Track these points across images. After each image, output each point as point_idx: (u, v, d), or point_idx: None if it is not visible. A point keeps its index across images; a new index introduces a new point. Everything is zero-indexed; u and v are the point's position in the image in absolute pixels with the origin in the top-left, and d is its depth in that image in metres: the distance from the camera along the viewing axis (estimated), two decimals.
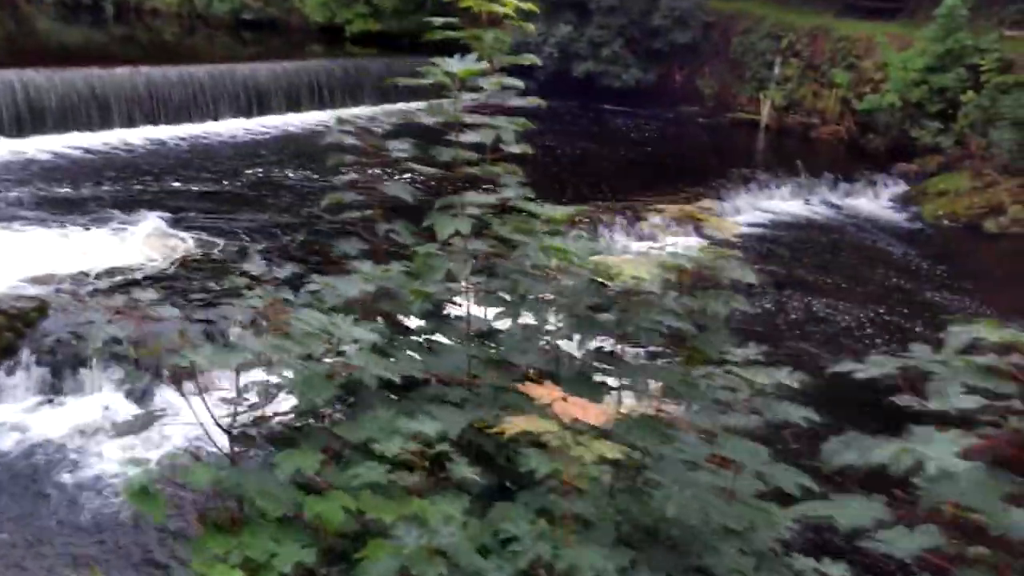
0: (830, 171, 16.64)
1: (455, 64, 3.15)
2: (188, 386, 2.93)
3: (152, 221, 10.97)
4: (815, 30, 20.30)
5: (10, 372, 7.30)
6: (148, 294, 3.47)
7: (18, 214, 10.92)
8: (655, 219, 9.94)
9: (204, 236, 10.56)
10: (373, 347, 2.70)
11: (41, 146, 14.11)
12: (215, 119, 17.04)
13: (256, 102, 17.88)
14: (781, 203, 15.63)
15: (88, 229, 10.59)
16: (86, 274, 8.99)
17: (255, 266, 4.35)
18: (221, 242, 10.36)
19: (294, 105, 18.61)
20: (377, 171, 3.36)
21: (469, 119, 3.21)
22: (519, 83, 3.35)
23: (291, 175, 13.84)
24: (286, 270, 3.58)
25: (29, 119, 14.36)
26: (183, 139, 15.78)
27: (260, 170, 13.94)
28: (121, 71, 15.85)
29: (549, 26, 20.41)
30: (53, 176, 12.86)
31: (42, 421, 7.07)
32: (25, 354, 7.42)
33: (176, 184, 12.93)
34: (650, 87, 21.86)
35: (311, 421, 2.87)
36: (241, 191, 12.86)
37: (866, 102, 18.06)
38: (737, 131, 20.64)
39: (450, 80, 3.14)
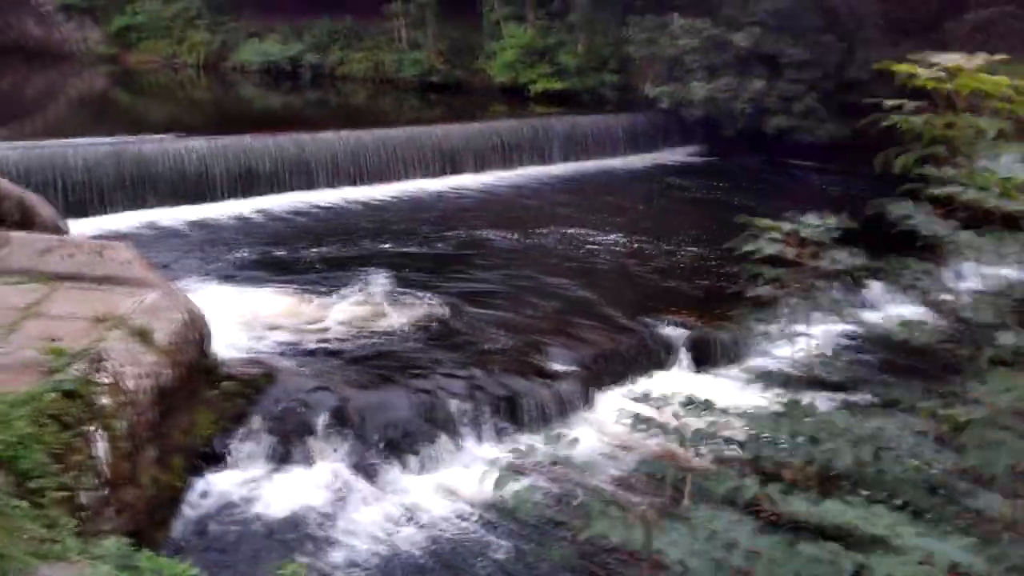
0: None
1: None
2: None
3: (365, 281, 11.19)
4: None
5: (242, 439, 7.42)
6: (369, 363, 3.20)
7: (240, 273, 11.39)
8: None
9: (416, 297, 10.60)
10: None
11: (257, 206, 14.84)
12: (407, 178, 17.49)
13: (449, 162, 18.26)
14: None
15: (305, 289, 10.88)
16: (307, 336, 9.17)
17: None
18: (433, 304, 10.36)
19: (481, 164, 18.90)
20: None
21: None
22: None
23: (491, 235, 13.85)
24: None
25: (247, 181, 15.14)
26: (380, 199, 16.23)
27: (460, 231, 14.04)
28: (324, 135, 16.54)
29: (740, 82, 19.87)
30: (268, 235, 13.45)
31: (271, 490, 7.12)
32: (256, 420, 7.55)
33: (382, 244, 13.20)
34: (845, 142, 20.80)
35: None
36: (445, 251, 12.95)
37: None
38: None
39: None
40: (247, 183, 15.22)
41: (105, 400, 6.03)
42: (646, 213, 15.94)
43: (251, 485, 7.14)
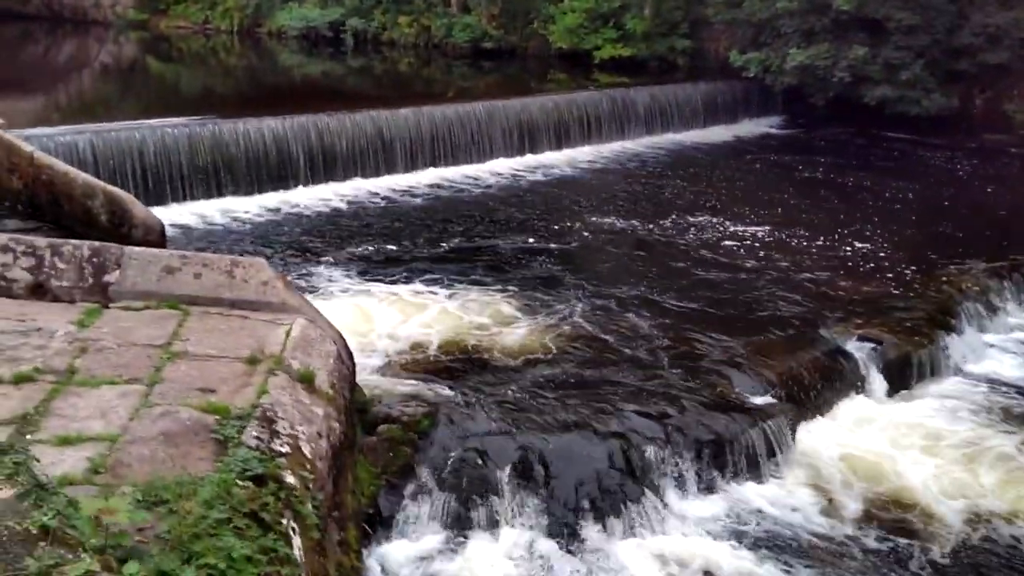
0: None
1: None
2: None
3: (482, 282, 9.91)
4: None
5: (412, 498, 6.21)
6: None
7: (343, 274, 10.07)
8: None
9: (550, 301, 9.26)
10: None
11: (338, 191, 13.54)
12: (489, 158, 16.15)
13: (528, 139, 16.89)
14: None
15: (420, 292, 9.58)
16: (451, 355, 7.92)
17: None
18: (572, 311, 9.03)
19: (562, 140, 17.53)
20: None
21: None
22: None
23: (598, 224, 12.46)
24: None
25: (326, 164, 13.84)
26: (464, 181, 14.90)
27: (564, 219, 12.64)
28: (404, 112, 15.17)
29: (838, 48, 18.33)
30: (359, 226, 12.11)
31: (454, 568, 5.91)
32: (425, 474, 6.33)
33: (483, 234, 11.86)
34: (948, 113, 19.30)
35: None
36: (556, 243, 11.54)
37: None
38: None
39: None
40: (326, 166, 13.89)
41: (290, 479, 4.80)
42: (760, 195, 14.54)
43: (429, 562, 5.92)
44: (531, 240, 11.70)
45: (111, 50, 29.75)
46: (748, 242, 11.90)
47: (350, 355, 6.80)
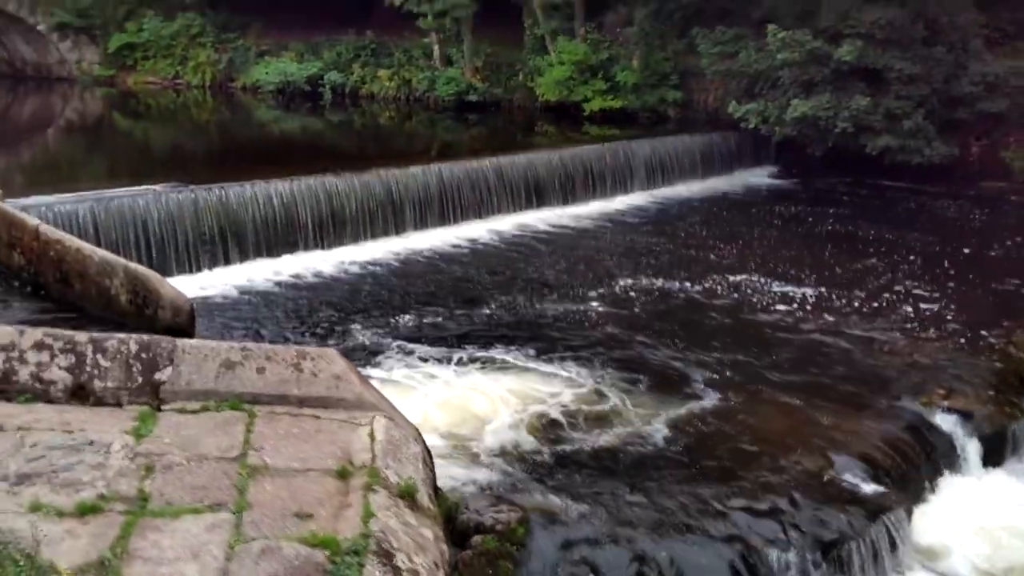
0: None
1: None
2: None
3: (524, 351, 9.22)
4: None
5: None
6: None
7: (379, 350, 9.28)
8: None
9: (602, 376, 8.59)
10: None
11: (350, 256, 12.79)
12: (497, 213, 15.58)
13: (535, 194, 16.37)
14: None
15: (464, 369, 8.83)
16: (527, 447, 7.18)
17: None
18: (634, 384, 8.37)
19: (568, 195, 17.04)
20: None
21: None
22: None
23: (635, 285, 11.79)
24: None
25: (334, 227, 13.12)
26: (479, 239, 14.27)
27: (593, 282, 12.00)
28: (413, 170, 14.54)
29: (839, 99, 18.18)
30: (379, 292, 11.37)
31: None
32: None
33: (514, 298, 11.10)
34: (947, 162, 19.21)
35: None
36: (598, 308, 10.87)
37: None
38: None
39: None
40: (335, 229, 13.18)
41: None
42: (785, 251, 14.09)
43: None
44: (572, 305, 11.05)
45: (78, 107, 28.80)
46: (794, 303, 11.38)
47: (430, 454, 6.07)
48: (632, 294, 11.64)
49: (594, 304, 11.14)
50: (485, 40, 26.52)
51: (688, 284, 12.06)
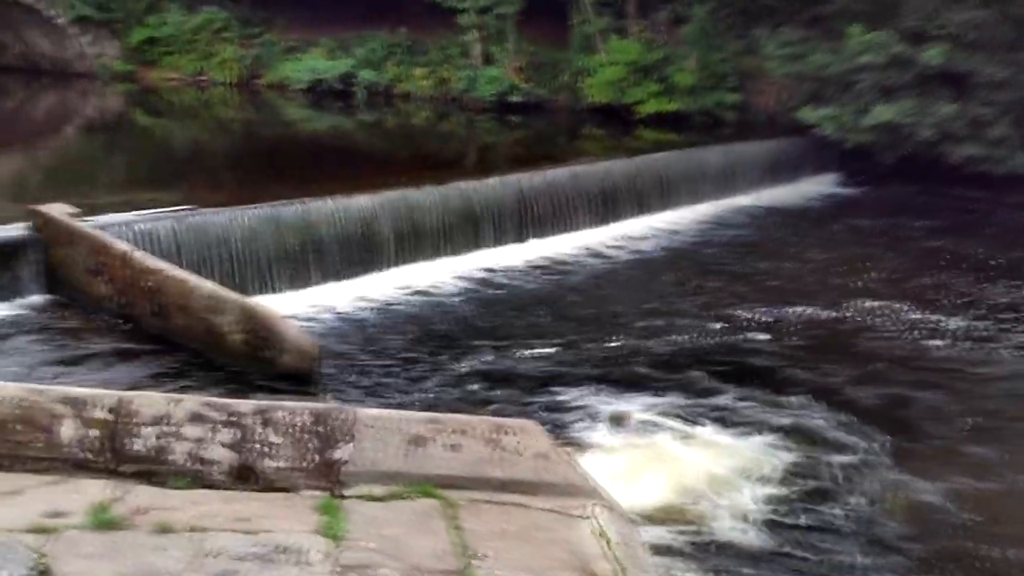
0: None
1: None
2: None
3: (651, 406, 8.22)
4: None
5: None
6: None
7: (490, 395, 8.33)
8: None
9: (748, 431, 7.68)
10: None
11: (432, 276, 11.84)
12: (575, 228, 14.63)
13: (612, 206, 15.43)
14: None
15: (585, 425, 7.81)
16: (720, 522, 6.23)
17: None
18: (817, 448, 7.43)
19: (642, 206, 16.10)
20: None
21: None
22: None
23: (752, 316, 10.83)
24: None
25: (413, 243, 12.16)
26: (564, 257, 13.35)
27: (706, 311, 11.02)
28: (489, 181, 13.58)
29: (924, 105, 17.24)
30: (468, 318, 10.44)
31: None
32: None
33: (637, 328, 10.13)
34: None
35: None
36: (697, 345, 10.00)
37: None
38: None
39: None
40: (414, 245, 12.21)
41: None
42: (911, 273, 13.12)
43: None
44: (729, 338, 10.07)
45: (100, 104, 27.77)
46: (937, 333, 10.44)
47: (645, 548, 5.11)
48: (767, 320, 10.69)
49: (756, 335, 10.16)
50: (526, 38, 25.52)
51: (832, 312, 11.12)
